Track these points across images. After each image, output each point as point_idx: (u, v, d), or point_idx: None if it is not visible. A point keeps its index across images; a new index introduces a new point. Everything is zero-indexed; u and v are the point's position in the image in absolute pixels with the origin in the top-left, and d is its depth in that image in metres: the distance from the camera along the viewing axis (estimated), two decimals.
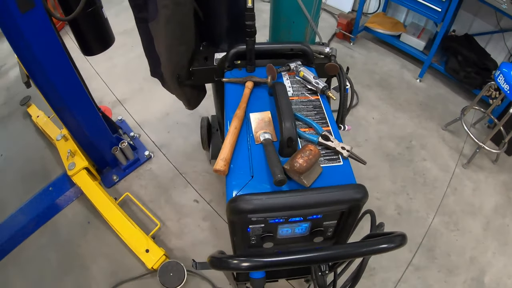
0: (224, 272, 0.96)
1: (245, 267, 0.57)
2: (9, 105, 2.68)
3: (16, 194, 2.13)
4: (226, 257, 0.57)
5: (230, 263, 0.57)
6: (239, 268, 0.57)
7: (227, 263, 0.57)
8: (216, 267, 0.58)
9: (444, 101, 2.54)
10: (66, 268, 1.79)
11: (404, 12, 2.93)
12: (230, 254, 0.59)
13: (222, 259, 0.57)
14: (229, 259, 0.57)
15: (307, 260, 0.57)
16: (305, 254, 0.57)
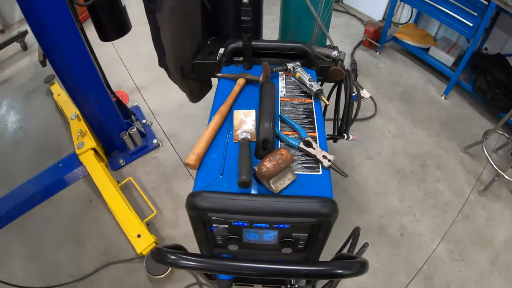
0: (197, 272, 0.94)
1: (180, 264, 0.54)
2: (35, 81, 2.81)
3: (28, 165, 2.23)
4: (166, 251, 0.55)
5: (168, 257, 0.54)
6: (176, 265, 0.54)
7: (165, 257, 0.54)
8: (154, 258, 0.56)
9: (468, 121, 2.39)
10: (63, 241, 1.85)
11: (436, 25, 2.78)
12: (173, 248, 0.56)
13: (162, 251, 0.55)
14: (168, 253, 0.55)
15: (245, 269, 0.53)
16: (243, 263, 0.54)
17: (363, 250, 0.90)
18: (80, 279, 1.68)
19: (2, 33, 3.50)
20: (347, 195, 2.00)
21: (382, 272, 1.69)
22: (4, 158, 2.32)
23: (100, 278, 1.69)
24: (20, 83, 2.88)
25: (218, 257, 0.54)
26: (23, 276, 1.73)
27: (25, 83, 2.86)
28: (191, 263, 0.54)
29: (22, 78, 2.92)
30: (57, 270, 1.74)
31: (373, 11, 3.31)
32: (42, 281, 1.67)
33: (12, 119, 2.59)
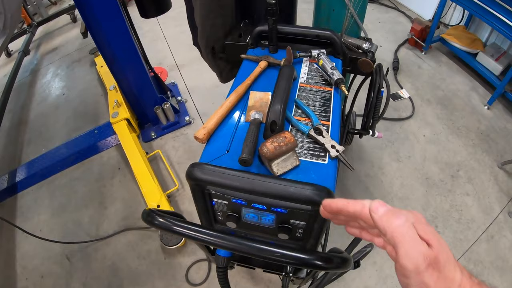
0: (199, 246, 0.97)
1: (166, 226, 0.56)
2: (81, 51, 2.98)
3: (66, 130, 2.39)
4: (156, 213, 0.57)
5: (155, 219, 0.56)
6: (162, 226, 0.56)
7: (152, 218, 0.56)
8: (144, 219, 0.58)
9: (509, 136, 2.21)
10: (88, 202, 1.98)
11: (487, 30, 2.57)
12: (169, 213, 0.59)
13: (152, 212, 0.57)
14: (157, 215, 0.57)
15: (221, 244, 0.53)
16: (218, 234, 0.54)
17: (364, 250, 0.88)
18: (98, 240, 1.79)
19: (54, 4, 3.73)
20: (369, 194, 1.94)
21: (392, 279, 1.64)
22: (45, 120, 2.50)
23: (116, 241, 1.80)
24: (66, 52, 3.07)
25: (196, 226, 0.55)
26: (46, 229, 1.88)
27: (71, 53, 3.04)
28: (174, 228, 0.55)
29: (69, 48, 3.10)
30: (78, 228, 1.87)
31: (423, 9, 3.13)
32: (63, 237, 1.81)
33: (56, 86, 2.77)
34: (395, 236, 0.37)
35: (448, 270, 0.36)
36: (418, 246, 0.36)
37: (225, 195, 0.72)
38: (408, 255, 0.36)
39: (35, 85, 2.82)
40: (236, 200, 0.74)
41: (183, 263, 1.70)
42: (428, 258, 0.35)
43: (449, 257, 0.37)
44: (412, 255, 0.36)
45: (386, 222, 0.38)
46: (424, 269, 0.35)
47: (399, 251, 0.37)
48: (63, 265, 1.74)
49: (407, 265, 0.35)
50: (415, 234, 0.37)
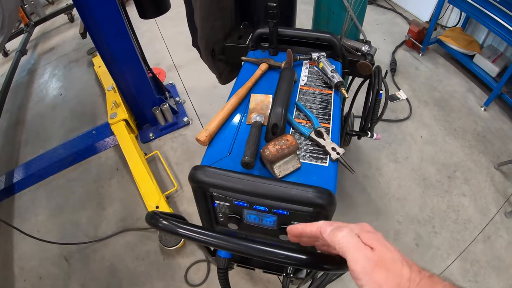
0: (198, 246, 0.97)
1: (169, 228, 0.56)
2: (78, 52, 2.97)
3: (64, 130, 2.38)
4: (160, 216, 0.58)
5: (159, 221, 0.57)
6: (165, 229, 0.57)
7: (156, 220, 0.57)
8: (148, 221, 0.58)
9: (505, 137, 2.23)
10: (86, 203, 1.97)
11: (484, 32, 2.59)
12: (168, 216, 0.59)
13: (156, 214, 0.58)
14: (161, 218, 0.57)
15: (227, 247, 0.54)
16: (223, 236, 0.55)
17: None
18: (96, 241, 1.78)
19: (51, 4, 3.71)
20: (366, 195, 1.96)
21: None
22: (42, 120, 2.49)
23: (114, 242, 1.79)
24: (64, 52, 3.06)
25: (200, 228, 0.55)
26: (44, 230, 1.87)
27: (69, 53, 3.03)
28: (178, 230, 0.56)
29: (66, 48, 3.09)
30: (76, 229, 1.86)
31: (421, 11, 3.15)
32: (61, 238, 1.81)
33: (54, 86, 2.76)
34: (341, 246, 0.42)
35: (395, 268, 0.40)
36: (361, 251, 0.40)
37: (227, 197, 0.72)
38: (354, 260, 0.40)
39: (32, 85, 2.81)
40: (238, 202, 0.75)
41: (182, 264, 1.70)
42: (372, 260, 0.39)
43: (395, 256, 0.41)
44: (358, 259, 0.40)
45: (333, 237, 0.43)
46: (371, 270, 0.39)
47: (347, 258, 0.41)
48: (61, 266, 1.73)
49: (356, 269, 0.39)
50: (358, 242, 0.41)
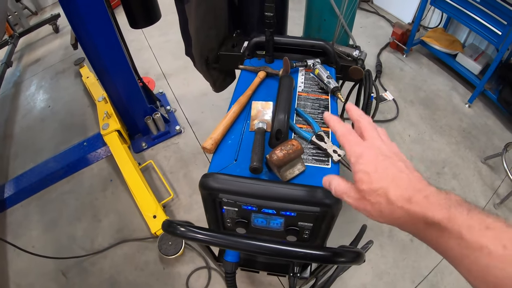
0: (204, 252, 0.99)
1: (189, 235, 0.58)
2: (65, 63, 2.94)
3: (54, 142, 2.35)
4: (176, 223, 0.60)
5: (177, 228, 0.59)
6: (184, 236, 0.59)
7: (174, 228, 0.59)
8: (165, 229, 0.60)
9: (490, 132, 2.33)
10: (80, 215, 1.95)
11: (465, 32, 2.71)
12: (184, 222, 0.61)
13: (173, 223, 0.60)
14: (178, 225, 0.59)
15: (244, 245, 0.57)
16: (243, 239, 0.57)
17: (366, 246, 0.93)
18: (94, 253, 1.77)
19: (35, 15, 3.66)
20: None
21: (387, 275, 1.70)
22: (32, 134, 2.45)
23: (112, 254, 1.78)
24: (50, 63, 3.01)
25: (221, 232, 0.58)
26: (39, 245, 1.84)
27: (55, 64, 3.00)
28: (197, 235, 0.58)
29: (53, 59, 3.05)
30: (72, 243, 1.84)
31: (403, 13, 3.25)
32: (57, 252, 1.78)
33: (41, 98, 2.72)
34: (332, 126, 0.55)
35: (368, 130, 0.51)
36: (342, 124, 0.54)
37: (237, 202, 0.74)
38: (337, 130, 0.53)
39: (19, 98, 2.76)
40: (247, 207, 0.77)
41: (182, 272, 1.71)
42: (348, 126, 0.53)
43: (367, 126, 0.52)
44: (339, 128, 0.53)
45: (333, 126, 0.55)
46: (348, 130, 0.52)
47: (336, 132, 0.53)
48: (59, 282, 1.70)
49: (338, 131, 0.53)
50: (341, 122, 0.55)
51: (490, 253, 0.32)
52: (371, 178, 0.43)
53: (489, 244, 0.32)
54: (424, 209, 0.38)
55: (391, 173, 0.43)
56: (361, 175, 0.44)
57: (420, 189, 0.41)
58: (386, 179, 0.42)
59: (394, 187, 0.41)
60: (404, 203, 0.40)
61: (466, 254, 0.34)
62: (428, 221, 0.38)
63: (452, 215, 0.36)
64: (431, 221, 0.37)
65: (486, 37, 2.14)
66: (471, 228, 0.34)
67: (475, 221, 0.34)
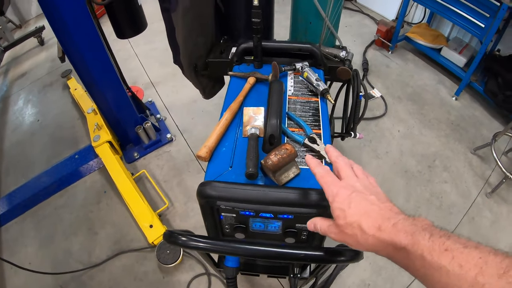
0: (204, 258, 0.99)
1: (190, 245, 0.59)
2: (52, 75, 2.91)
3: (45, 156, 2.32)
4: (177, 233, 0.60)
5: (179, 238, 0.59)
6: (186, 245, 0.59)
7: (176, 238, 0.60)
8: (167, 240, 0.61)
9: (478, 123, 2.38)
10: (76, 229, 1.93)
11: (449, 26, 2.77)
12: (184, 232, 0.62)
13: (173, 233, 0.60)
14: (179, 235, 0.60)
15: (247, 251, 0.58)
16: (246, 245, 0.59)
17: None
18: (92, 267, 1.75)
19: (19, 28, 3.61)
20: None
21: (385, 270, 1.72)
22: (22, 148, 2.42)
23: (111, 266, 1.77)
24: (37, 77, 2.98)
25: (223, 239, 0.59)
26: (36, 262, 1.82)
27: (42, 77, 2.96)
28: (199, 244, 0.59)
29: (39, 72, 3.02)
30: (69, 257, 1.82)
31: (386, 10, 3.31)
32: (55, 268, 1.76)
33: (29, 112, 2.69)
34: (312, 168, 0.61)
35: (344, 170, 0.57)
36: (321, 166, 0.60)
37: (235, 208, 0.75)
38: (316, 172, 0.59)
39: (7, 113, 2.72)
40: (244, 212, 0.78)
41: (182, 280, 1.70)
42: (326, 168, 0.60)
43: (343, 166, 0.58)
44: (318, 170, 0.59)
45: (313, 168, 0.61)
46: (326, 172, 0.58)
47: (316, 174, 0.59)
48: None
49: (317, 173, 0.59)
50: (320, 164, 0.61)
51: (448, 272, 0.37)
52: (346, 214, 0.50)
53: (447, 264, 0.37)
54: (392, 236, 0.44)
55: (363, 207, 0.49)
56: (338, 212, 0.51)
57: (389, 217, 0.46)
58: (359, 213, 0.49)
59: (366, 219, 0.48)
60: (375, 231, 0.46)
61: (429, 273, 0.39)
62: (396, 246, 0.43)
63: (416, 240, 0.41)
64: (398, 246, 0.43)
65: (469, 30, 2.19)
66: (431, 250, 0.39)
67: (436, 244, 0.39)
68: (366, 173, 0.58)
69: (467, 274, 0.35)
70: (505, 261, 0.34)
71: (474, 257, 0.36)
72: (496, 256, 0.35)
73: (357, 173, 0.57)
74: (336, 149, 0.62)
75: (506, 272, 0.33)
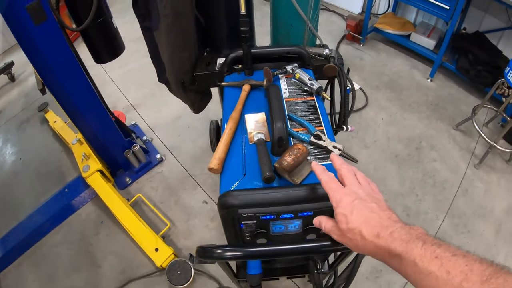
0: (224, 271, 0.99)
1: (227, 256, 0.60)
2: (28, 110, 2.82)
3: (34, 195, 2.24)
4: (211, 247, 0.61)
5: (214, 252, 0.60)
6: (222, 257, 0.60)
7: (211, 252, 0.60)
8: (202, 256, 0.61)
9: (456, 101, 2.50)
10: (78, 265, 1.86)
11: (414, 12, 2.90)
12: (216, 245, 0.62)
13: (206, 248, 0.61)
14: (214, 248, 0.60)
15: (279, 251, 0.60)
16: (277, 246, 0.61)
17: None
18: None
19: None
20: None
21: None
22: (8, 190, 2.32)
23: None
24: (12, 114, 2.87)
25: (255, 244, 0.60)
26: None
27: (18, 114, 2.86)
28: (235, 253, 0.59)
29: (14, 110, 2.91)
30: None
31: (351, 5, 3.41)
32: None
33: (10, 151, 2.59)
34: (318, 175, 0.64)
35: (347, 177, 0.61)
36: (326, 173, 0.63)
37: (257, 214, 0.76)
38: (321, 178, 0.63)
39: None
40: (265, 217, 0.79)
41: None
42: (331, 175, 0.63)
43: (347, 174, 0.61)
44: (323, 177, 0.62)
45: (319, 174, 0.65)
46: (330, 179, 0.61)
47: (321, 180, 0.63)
48: None
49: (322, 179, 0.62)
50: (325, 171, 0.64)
51: (437, 277, 0.40)
52: (348, 220, 0.54)
53: (436, 270, 0.41)
54: (388, 243, 0.48)
55: (364, 214, 0.53)
56: (341, 217, 0.55)
57: (387, 226, 0.50)
58: (360, 220, 0.53)
59: (366, 226, 0.52)
60: (374, 238, 0.50)
61: (420, 278, 0.43)
62: (391, 253, 0.47)
63: (409, 248, 0.45)
64: (394, 253, 0.47)
65: (435, 14, 2.30)
66: (423, 257, 0.43)
67: (427, 252, 0.43)
68: (368, 179, 0.62)
69: (453, 279, 0.39)
70: (489, 269, 0.38)
71: (461, 265, 0.39)
72: (481, 264, 0.39)
73: (360, 180, 0.61)
74: (340, 157, 0.67)
75: (488, 280, 0.37)
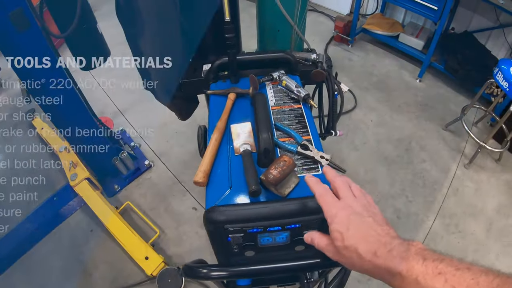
0: (215, 282, 0.98)
1: (213, 276, 0.59)
2: (15, 117, 2.76)
3: (21, 204, 2.19)
4: (197, 266, 0.59)
5: (200, 272, 0.59)
6: (208, 277, 0.59)
7: (197, 272, 0.59)
8: (188, 275, 0.60)
9: (445, 100, 2.52)
10: (68, 274, 1.84)
11: (402, 12, 2.92)
12: (202, 263, 0.61)
13: (193, 267, 0.59)
14: (200, 268, 0.59)
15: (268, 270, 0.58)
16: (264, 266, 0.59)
17: None
18: None
19: None
20: None
21: None
22: None
23: None
24: None
25: (242, 264, 0.59)
26: None
27: (5, 121, 2.81)
28: (222, 273, 0.58)
29: (0, 116, 2.86)
30: None
31: (339, 5, 3.42)
32: None
33: None
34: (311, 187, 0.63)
35: (342, 190, 0.58)
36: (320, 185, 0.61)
37: (243, 228, 0.75)
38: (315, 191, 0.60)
39: None
40: (252, 230, 0.77)
41: None
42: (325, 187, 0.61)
43: (341, 186, 0.59)
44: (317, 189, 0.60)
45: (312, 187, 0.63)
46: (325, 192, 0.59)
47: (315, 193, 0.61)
48: None
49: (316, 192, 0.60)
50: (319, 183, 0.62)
51: None
52: (344, 237, 0.51)
53: (440, 287, 0.40)
54: (387, 262, 0.46)
55: (361, 230, 0.51)
56: (336, 234, 0.53)
57: (385, 243, 0.48)
58: (356, 237, 0.50)
59: (363, 243, 0.49)
60: (371, 257, 0.47)
61: None
62: (391, 272, 0.45)
63: (410, 266, 0.43)
64: (393, 272, 0.45)
65: (423, 14, 2.32)
66: (425, 275, 0.42)
67: (429, 268, 0.42)
68: (364, 191, 0.60)
69: None
70: (496, 280, 0.37)
71: (466, 279, 0.38)
72: (487, 276, 0.38)
73: (355, 192, 0.58)
74: (333, 169, 0.65)
75: None
